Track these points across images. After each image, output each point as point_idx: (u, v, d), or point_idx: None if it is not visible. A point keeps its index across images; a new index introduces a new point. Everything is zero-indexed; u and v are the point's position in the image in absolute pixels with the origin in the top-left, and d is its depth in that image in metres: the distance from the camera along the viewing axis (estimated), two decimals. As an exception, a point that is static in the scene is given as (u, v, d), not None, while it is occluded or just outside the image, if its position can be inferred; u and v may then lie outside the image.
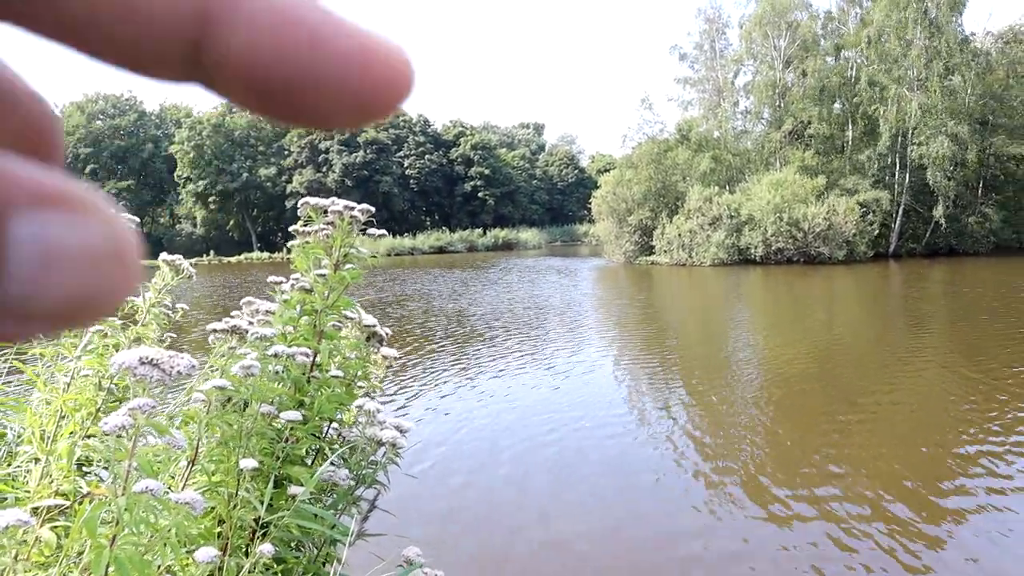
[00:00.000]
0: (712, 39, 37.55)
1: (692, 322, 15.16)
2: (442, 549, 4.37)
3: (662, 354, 10.84)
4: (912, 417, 6.99)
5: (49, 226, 0.14)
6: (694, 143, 35.56)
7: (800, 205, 29.19)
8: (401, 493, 4.74)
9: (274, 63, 0.14)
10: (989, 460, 5.59)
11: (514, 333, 13.07)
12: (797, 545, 4.35)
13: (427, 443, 6.39)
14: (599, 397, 8.19)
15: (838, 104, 34.01)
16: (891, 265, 27.79)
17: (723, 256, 30.08)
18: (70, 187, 0.14)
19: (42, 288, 0.13)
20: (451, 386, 8.93)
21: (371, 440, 1.96)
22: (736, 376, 9.14)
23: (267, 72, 0.14)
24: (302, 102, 0.15)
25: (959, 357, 9.64)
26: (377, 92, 0.15)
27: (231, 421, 1.68)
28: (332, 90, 0.15)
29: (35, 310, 0.14)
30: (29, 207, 0.14)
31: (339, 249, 2.02)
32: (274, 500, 1.81)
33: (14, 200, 0.13)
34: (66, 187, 0.14)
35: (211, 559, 1.41)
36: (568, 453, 6.14)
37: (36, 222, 0.13)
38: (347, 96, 0.15)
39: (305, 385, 1.96)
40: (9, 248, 0.13)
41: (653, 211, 33.63)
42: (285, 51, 0.14)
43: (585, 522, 4.77)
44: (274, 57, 0.14)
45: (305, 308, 2.01)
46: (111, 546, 1.29)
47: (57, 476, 1.65)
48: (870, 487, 5.13)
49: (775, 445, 6.23)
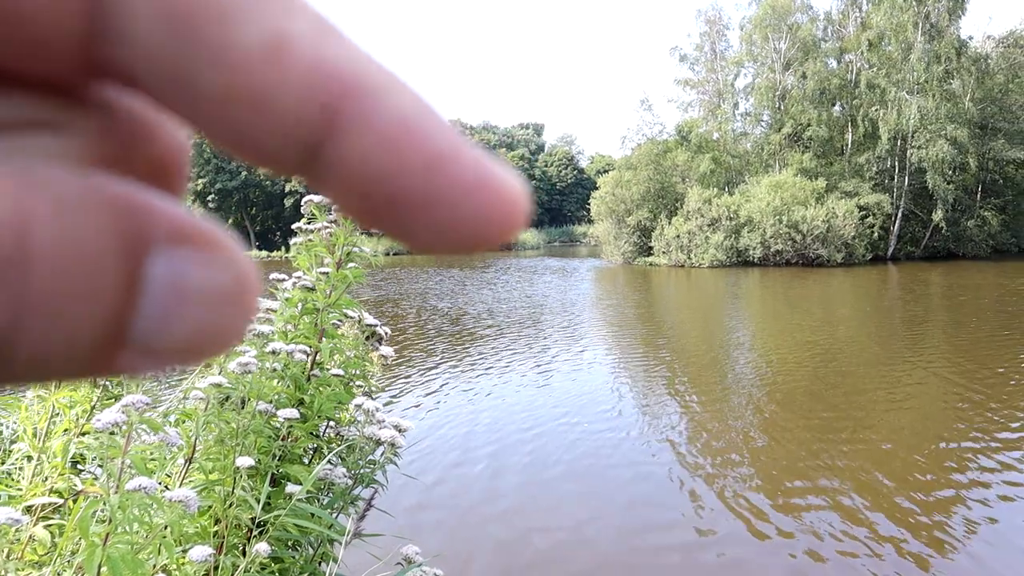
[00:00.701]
0: (712, 41, 37.60)
1: (689, 323, 15.16)
2: (422, 543, 4.35)
3: (659, 354, 10.83)
4: (910, 418, 6.98)
5: (184, 264, 0.14)
6: (694, 144, 35.60)
7: (799, 207, 29.24)
8: (394, 491, 4.72)
9: (387, 179, 0.14)
10: (987, 463, 5.58)
11: (507, 332, 13.06)
12: (792, 547, 4.34)
13: (408, 439, 6.39)
14: (591, 396, 8.18)
15: (838, 107, 34.08)
16: (890, 268, 27.82)
17: (721, 257, 30.10)
18: (202, 224, 0.14)
19: (171, 325, 0.14)
20: (439, 384, 8.91)
21: (369, 439, 1.94)
22: (731, 377, 9.13)
23: (378, 187, 0.14)
24: (408, 223, 0.14)
25: (957, 361, 9.64)
26: (486, 225, 0.15)
27: (228, 419, 1.66)
28: (441, 217, 0.14)
29: (162, 346, 0.14)
30: (167, 244, 0.14)
31: (342, 247, 2.00)
32: (271, 499, 1.79)
33: (153, 237, 0.14)
34: (199, 224, 0.14)
35: (205, 558, 1.40)
36: (559, 450, 6.13)
37: (172, 259, 0.14)
38: (454, 224, 0.14)
39: (304, 383, 1.94)
40: (146, 284, 0.13)
41: (652, 212, 33.66)
42: (401, 168, 0.14)
43: (573, 518, 4.76)
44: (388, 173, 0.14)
45: (307, 306, 2.00)
46: (104, 545, 1.27)
47: (51, 474, 1.63)
48: (866, 489, 5.12)
49: (770, 445, 6.22)
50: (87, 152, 0.15)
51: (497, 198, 0.15)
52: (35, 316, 0.12)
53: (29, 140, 0.14)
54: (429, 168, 0.14)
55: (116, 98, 0.16)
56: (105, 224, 0.13)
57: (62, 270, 0.12)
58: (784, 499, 5.04)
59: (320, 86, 0.13)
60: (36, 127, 0.15)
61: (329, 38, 0.14)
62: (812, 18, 34.54)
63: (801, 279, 23.67)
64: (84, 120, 0.15)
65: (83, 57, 0.14)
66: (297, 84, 0.13)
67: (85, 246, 0.13)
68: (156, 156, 0.17)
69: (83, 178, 0.13)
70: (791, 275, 25.40)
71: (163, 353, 0.14)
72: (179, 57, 0.13)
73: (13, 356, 0.12)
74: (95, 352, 0.13)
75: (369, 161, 0.14)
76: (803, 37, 33.73)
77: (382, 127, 0.14)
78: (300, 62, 0.13)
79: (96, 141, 0.15)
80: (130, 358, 0.14)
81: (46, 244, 0.12)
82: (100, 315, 0.13)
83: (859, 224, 29.18)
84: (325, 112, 0.14)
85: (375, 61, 0.14)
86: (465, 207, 0.14)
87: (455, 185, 0.14)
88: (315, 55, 0.13)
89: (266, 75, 0.13)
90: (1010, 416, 6.87)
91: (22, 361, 0.12)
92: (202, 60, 0.13)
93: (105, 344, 0.13)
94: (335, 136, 0.14)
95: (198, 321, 0.14)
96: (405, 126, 0.14)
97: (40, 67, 0.14)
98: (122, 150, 0.16)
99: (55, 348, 0.13)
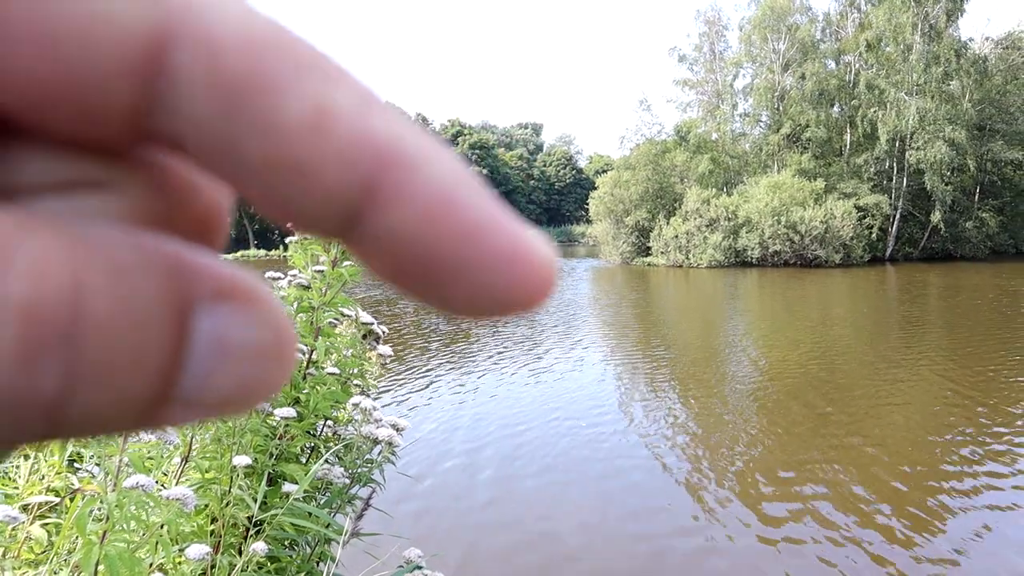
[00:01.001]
0: (711, 41, 37.63)
1: (686, 323, 15.17)
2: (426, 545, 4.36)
3: (656, 354, 10.84)
4: (908, 419, 6.99)
5: (226, 321, 0.14)
6: (692, 145, 35.62)
7: (797, 208, 29.27)
8: (391, 490, 4.73)
9: (424, 250, 0.14)
10: (983, 465, 5.59)
11: (504, 332, 13.06)
12: (785, 547, 4.34)
13: (404, 438, 6.39)
14: (589, 396, 8.18)
15: (836, 108, 34.11)
16: (888, 269, 27.85)
17: (720, 258, 30.12)
18: (243, 278, 0.15)
19: (215, 381, 0.14)
20: (434, 383, 8.90)
21: (367, 438, 1.94)
22: (728, 377, 9.14)
23: (415, 257, 0.14)
24: (442, 291, 0.15)
25: (955, 362, 9.65)
26: (520, 294, 0.15)
27: (225, 417, 1.66)
28: (474, 285, 0.14)
29: (206, 401, 0.14)
30: (210, 301, 0.14)
31: (337, 245, 2.00)
32: (268, 498, 1.79)
33: (198, 294, 0.14)
34: (240, 279, 0.15)
35: (203, 556, 1.40)
36: (556, 450, 6.13)
37: (215, 316, 0.14)
38: (489, 293, 0.15)
39: (300, 382, 1.94)
40: (192, 343, 0.14)
41: (650, 212, 33.67)
42: (439, 240, 0.14)
43: (570, 518, 4.76)
44: (426, 244, 0.14)
45: (302, 304, 1.99)
46: (101, 543, 1.27)
47: (48, 472, 1.63)
48: (862, 491, 5.12)
49: (766, 445, 6.23)
50: (135, 211, 0.15)
51: (531, 269, 0.15)
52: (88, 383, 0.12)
53: (80, 200, 0.15)
54: (466, 239, 0.14)
55: (161, 158, 0.16)
56: (156, 287, 0.13)
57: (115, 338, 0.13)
58: (782, 498, 5.05)
59: (361, 158, 0.14)
60: (86, 187, 0.15)
61: (371, 109, 0.14)
62: (811, 19, 34.57)
63: (799, 280, 23.69)
64: (131, 179, 0.16)
65: (134, 127, 0.14)
66: (338, 156, 0.13)
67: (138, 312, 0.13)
68: (199, 213, 0.17)
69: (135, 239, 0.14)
70: (789, 276, 25.42)
71: (207, 407, 0.14)
72: (226, 127, 0.13)
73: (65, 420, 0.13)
74: (142, 410, 0.14)
75: (408, 232, 0.14)
76: (802, 38, 33.76)
77: (421, 200, 0.14)
78: (341, 134, 0.13)
79: (142, 200, 0.16)
80: (175, 412, 0.14)
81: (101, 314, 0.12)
82: (149, 376, 0.13)
83: (857, 225, 29.20)
84: (365, 184, 0.14)
85: (415, 131, 0.15)
86: (501, 277, 0.14)
87: (491, 256, 0.14)
88: (356, 127, 0.14)
89: (309, 146, 0.13)
90: (1006, 415, 6.88)
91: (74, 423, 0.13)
92: (248, 130, 0.13)
93: (152, 402, 0.14)
94: (375, 207, 0.14)
95: (241, 376, 0.14)
96: (444, 198, 0.14)
97: (92, 132, 0.14)
98: (166, 208, 0.16)
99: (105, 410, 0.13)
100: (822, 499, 5.01)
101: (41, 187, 0.14)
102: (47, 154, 0.15)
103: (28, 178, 0.14)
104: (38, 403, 0.12)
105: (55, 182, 0.15)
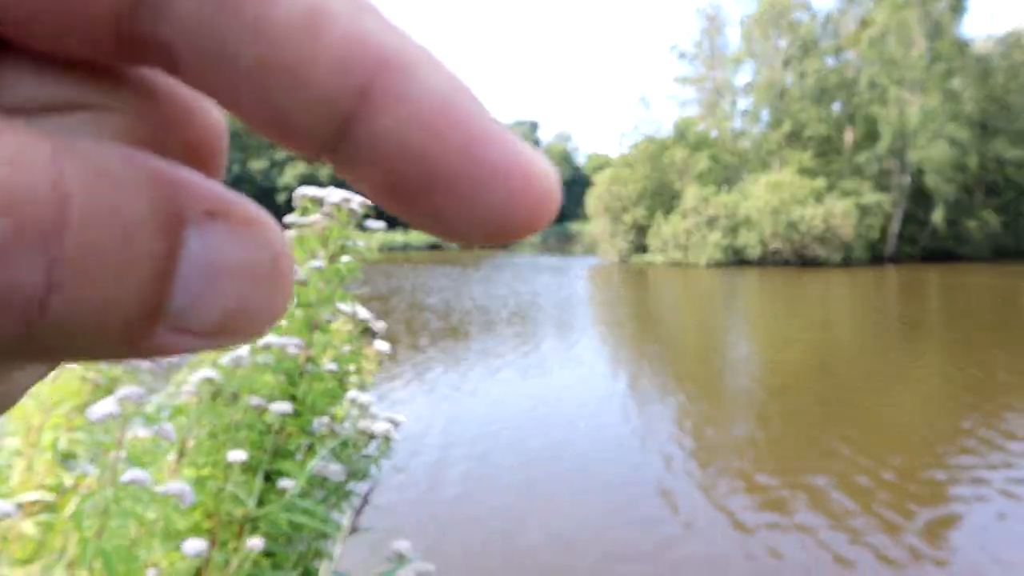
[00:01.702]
0: (711, 38, 37.59)
1: (684, 321, 15.17)
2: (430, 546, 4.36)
3: (653, 352, 10.84)
4: (905, 420, 6.99)
5: (219, 239, 0.14)
6: (692, 142, 35.57)
7: (798, 207, 29.22)
8: (386, 486, 4.73)
9: (418, 158, 0.14)
10: (981, 467, 5.60)
11: (499, 330, 13.05)
12: (780, 549, 4.34)
13: (400, 434, 6.37)
14: (585, 394, 8.18)
15: (837, 105, 34.06)
16: (889, 268, 27.84)
17: (719, 256, 30.09)
18: (238, 199, 0.14)
19: (206, 302, 0.14)
20: (427, 380, 8.89)
21: (363, 433, 1.93)
22: (724, 376, 9.14)
23: (408, 166, 0.14)
24: (434, 207, 0.14)
25: (954, 363, 9.66)
26: (517, 210, 0.14)
27: (220, 413, 1.66)
28: (469, 199, 0.14)
29: (196, 324, 0.14)
30: (203, 219, 0.14)
31: (335, 241, 1.99)
32: (263, 495, 1.78)
33: (190, 212, 0.13)
34: (235, 199, 0.14)
35: (199, 552, 1.39)
36: (551, 448, 6.13)
37: (207, 234, 0.14)
38: (485, 209, 0.14)
39: (297, 378, 1.94)
40: (182, 260, 0.13)
41: (649, 210, 33.62)
42: (434, 147, 0.14)
43: (568, 517, 4.76)
44: (420, 152, 0.14)
45: (300, 300, 1.99)
46: (97, 538, 1.26)
47: (41, 470, 1.63)
48: (861, 492, 5.13)
49: (762, 444, 6.23)
50: (126, 132, 0.15)
51: (529, 183, 0.14)
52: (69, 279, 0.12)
53: (68, 120, 0.14)
54: (462, 148, 0.14)
55: (154, 80, 0.16)
56: (143, 195, 0.13)
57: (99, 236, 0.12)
58: (781, 497, 5.05)
59: (356, 60, 0.13)
60: (75, 108, 0.15)
61: (365, 14, 0.14)
62: (812, 15, 34.53)
63: (798, 278, 23.69)
64: (122, 101, 0.15)
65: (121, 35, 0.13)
66: (333, 57, 0.13)
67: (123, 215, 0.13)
68: (194, 138, 0.17)
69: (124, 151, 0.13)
70: (788, 274, 25.42)
71: (197, 332, 0.14)
72: (218, 32, 0.13)
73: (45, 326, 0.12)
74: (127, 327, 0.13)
75: (400, 139, 0.14)
76: (803, 34, 33.72)
77: (415, 104, 0.14)
78: (336, 35, 0.13)
79: (135, 122, 0.16)
80: (163, 336, 0.14)
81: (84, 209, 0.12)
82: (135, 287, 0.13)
83: (858, 224, 29.16)
84: (359, 86, 0.13)
85: (411, 38, 0.14)
86: (498, 190, 0.14)
87: (489, 167, 0.14)
88: (351, 29, 0.13)
89: (303, 48, 0.13)
90: (1006, 416, 6.89)
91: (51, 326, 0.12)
92: (240, 35, 0.13)
93: (138, 319, 0.13)
94: (368, 111, 0.14)
95: (233, 298, 0.14)
96: (439, 104, 0.14)
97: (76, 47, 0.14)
98: (160, 132, 0.16)
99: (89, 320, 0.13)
100: (821, 499, 5.01)
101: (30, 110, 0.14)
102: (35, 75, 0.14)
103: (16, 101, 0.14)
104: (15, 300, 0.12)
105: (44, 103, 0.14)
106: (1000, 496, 4.99)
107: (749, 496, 5.07)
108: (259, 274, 0.14)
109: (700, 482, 5.40)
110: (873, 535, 4.44)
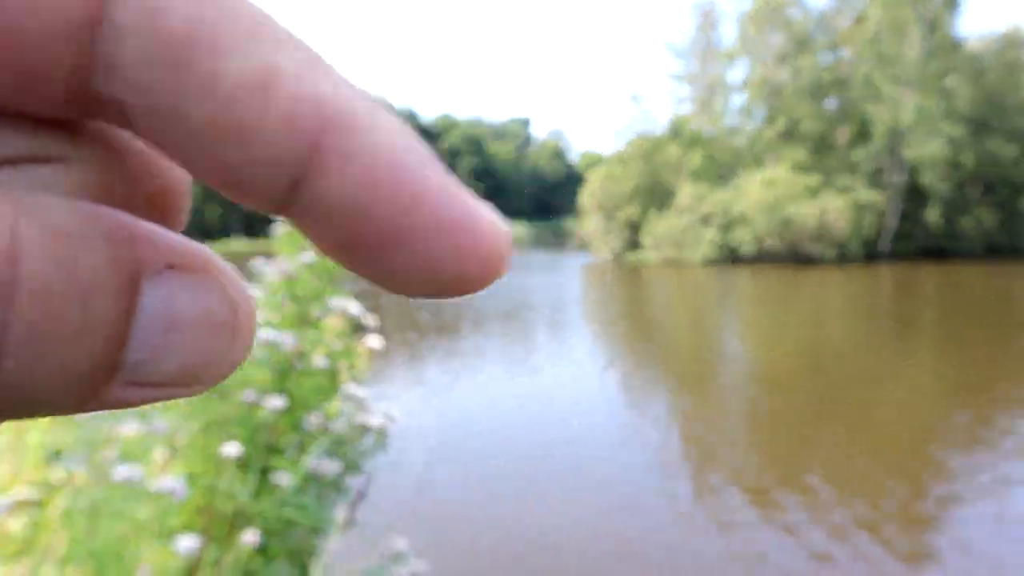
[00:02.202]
0: (706, 35, 37.58)
1: (677, 319, 15.19)
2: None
3: (647, 350, 10.84)
4: (898, 417, 7.01)
5: (174, 290, 0.14)
6: (686, 139, 35.57)
7: (792, 204, 29.25)
8: (380, 482, 4.72)
9: (364, 216, 0.14)
10: (973, 465, 5.62)
11: (493, 328, 13.04)
12: (772, 547, 4.35)
13: (392, 430, 6.35)
14: (580, 393, 8.18)
15: (832, 102, 34.08)
16: (883, 266, 27.90)
17: (713, 254, 30.10)
18: (197, 250, 0.14)
19: (162, 355, 0.13)
20: (419, 377, 8.87)
21: (357, 427, 1.92)
22: (718, 374, 9.15)
23: (355, 224, 0.14)
24: (385, 263, 0.14)
25: (948, 360, 9.69)
26: (464, 268, 0.14)
27: (211, 409, 1.64)
28: (418, 256, 0.14)
29: (153, 378, 0.14)
30: (161, 272, 0.14)
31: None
32: (256, 491, 1.77)
33: (147, 264, 0.13)
34: (191, 248, 0.14)
35: (192, 549, 1.38)
36: (546, 446, 6.12)
37: (162, 287, 0.13)
38: (435, 265, 0.14)
39: (288, 373, 1.92)
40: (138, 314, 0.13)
41: (642, 207, 33.60)
42: (379, 205, 0.14)
43: (563, 516, 4.76)
44: (366, 210, 0.14)
45: (291, 295, 1.98)
46: (87, 536, 1.25)
47: (28, 468, 1.61)
48: (852, 492, 5.14)
49: (758, 443, 6.24)
50: (85, 184, 0.15)
51: (479, 240, 0.14)
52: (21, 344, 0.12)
53: (26, 174, 0.14)
54: (410, 205, 0.14)
55: (114, 132, 0.16)
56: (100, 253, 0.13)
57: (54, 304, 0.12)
58: (777, 497, 5.06)
59: (304, 118, 0.13)
60: (33, 161, 0.14)
61: (316, 73, 0.14)
62: (806, 12, 34.55)
63: (793, 276, 23.73)
64: (82, 153, 0.15)
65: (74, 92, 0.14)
66: (282, 116, 0.13)
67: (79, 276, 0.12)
68: (154, 190, 0.17)
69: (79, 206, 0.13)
70: (783, 272, 25.46)
71: (156, 384, 0.14)
72: (169, 90, 0.13)
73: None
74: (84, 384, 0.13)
75: (349, 197, 0.13)
76: (797, 31, 33.73)
77: (362, 162, 0.13)
78: (285, 94, 0.13)
79: (95, 174, 0.15)
80: (120, 391, 0.13)
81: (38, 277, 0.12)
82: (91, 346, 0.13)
83: (853, 221, 29.20)
84: (310, 145, 0.13)
85: (362, 96, 0.14)
86: (446, 247, 0.14)
87: (436, 224, 0.14)
88: (300, 88, 0.13)
89: (253, 108, 0.13)
90: (1003, 415, 6.92)
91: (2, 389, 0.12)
92: (191, 93, 0.13)
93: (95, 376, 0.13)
94: (317, 170, 0.13)
95: (191, 350, 0.14)
96: (388, 162, 0.14)
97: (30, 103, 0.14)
98: (121, 183, 0.16)
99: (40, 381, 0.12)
100: (814, 497, 5.02)
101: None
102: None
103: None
104: None
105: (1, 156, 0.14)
106: (992, 494, 5.00)
107: (742, 494, 5.08)
108: (217, 324, 0.14)
109: (693, 480, 5.41)
110: (865, 533, 4.45)
